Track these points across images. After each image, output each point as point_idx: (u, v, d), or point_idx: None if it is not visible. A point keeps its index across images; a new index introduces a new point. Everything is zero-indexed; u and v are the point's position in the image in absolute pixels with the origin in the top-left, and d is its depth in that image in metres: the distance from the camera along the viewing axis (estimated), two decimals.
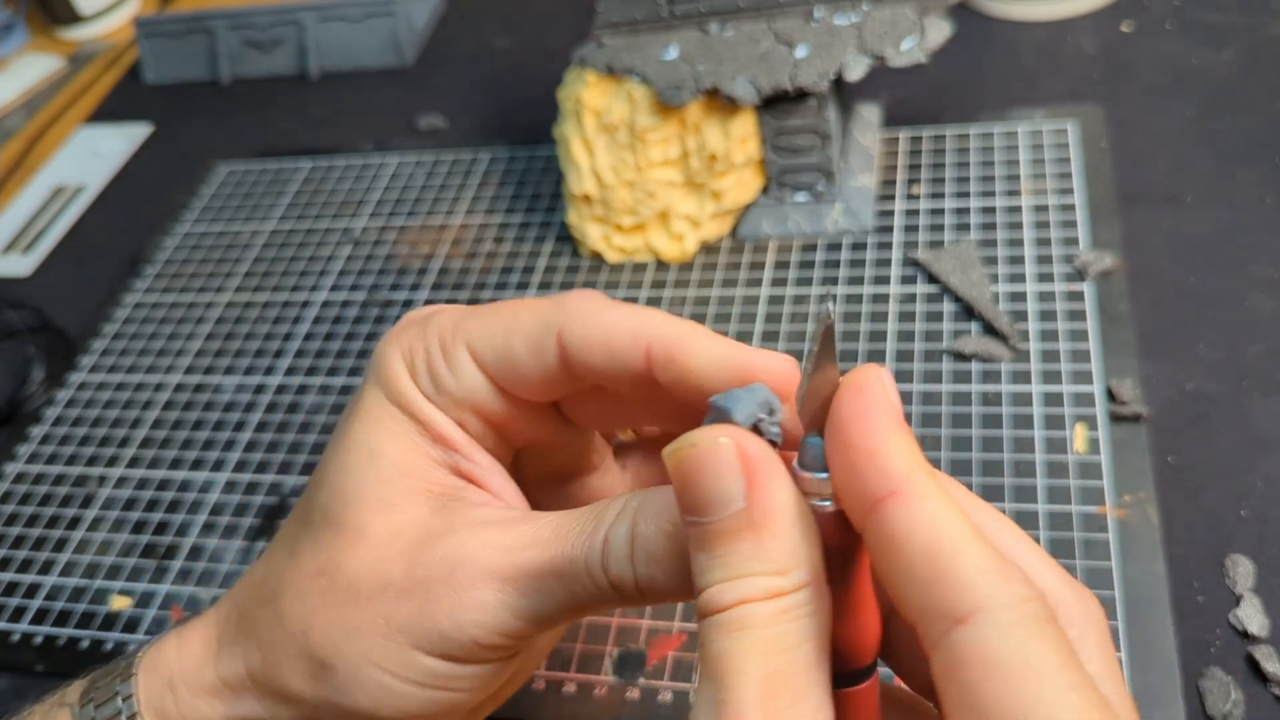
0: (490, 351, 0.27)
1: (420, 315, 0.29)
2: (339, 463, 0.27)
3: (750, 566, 0.20)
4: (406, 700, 0.26)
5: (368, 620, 0.26)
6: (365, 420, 0.28)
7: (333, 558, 0.27)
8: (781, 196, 0.54)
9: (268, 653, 0.28)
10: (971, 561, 0.18)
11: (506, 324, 0.27)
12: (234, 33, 0.79)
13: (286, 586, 0.27)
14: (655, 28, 0.53)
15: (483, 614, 0.25)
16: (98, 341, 0.61)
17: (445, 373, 0.27)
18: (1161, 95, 0.58)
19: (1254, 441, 0.42)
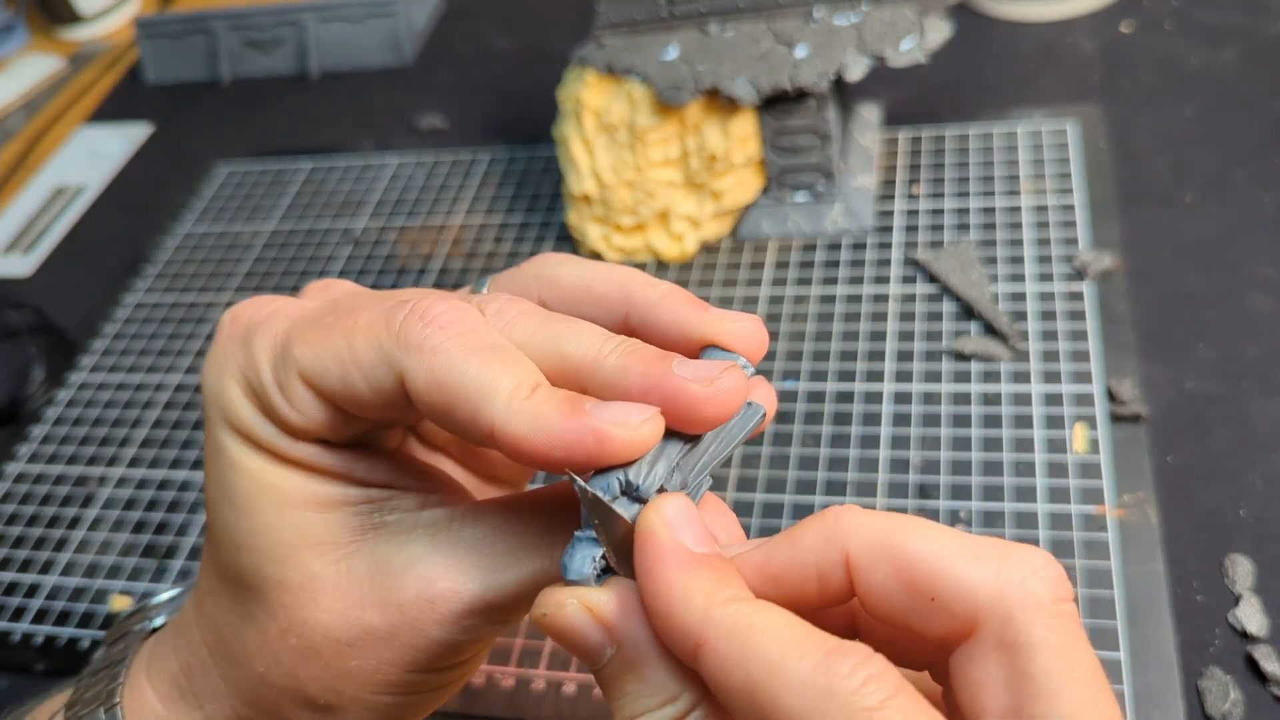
0: (327, 384, 0.24)
1: (243, 323, 0.26)
2: (246, 525, 0.25)
3: (644, 705, 0.20)
4: (415, 707, 0.27)
5: (358, 664, 0.25)
6: (245, 476, 0.25)
7: (295, 615, 0.25)
8: (781, 196, 0.54)
9: (262, 710, 0.27)
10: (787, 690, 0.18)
11: (340, 355, 0.24)
12: (234, 33, 0.79)
13: (254, 653, 0.26)
14: (655, 28, 0.53)
15: (472, 635, 0.25)
16: (98, 341, 0.61)
17: (286, 409, 0.24)
18: (1161, 95, 0.58)
19: (1253, 441, 0.42)
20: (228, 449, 0.25)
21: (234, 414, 0.25)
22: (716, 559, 0.20)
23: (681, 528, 0.20)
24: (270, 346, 0.25)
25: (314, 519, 0.25)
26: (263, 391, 0.25)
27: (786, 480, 0.45)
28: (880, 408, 0.46)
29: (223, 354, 0.26)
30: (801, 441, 0.46)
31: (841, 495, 0.44)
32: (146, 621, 0.32)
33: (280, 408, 0.24)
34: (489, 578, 0.24)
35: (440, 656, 0.25)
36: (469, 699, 0.41)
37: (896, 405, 0.46)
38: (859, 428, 0.46)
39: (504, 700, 0.40)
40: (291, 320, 0.25)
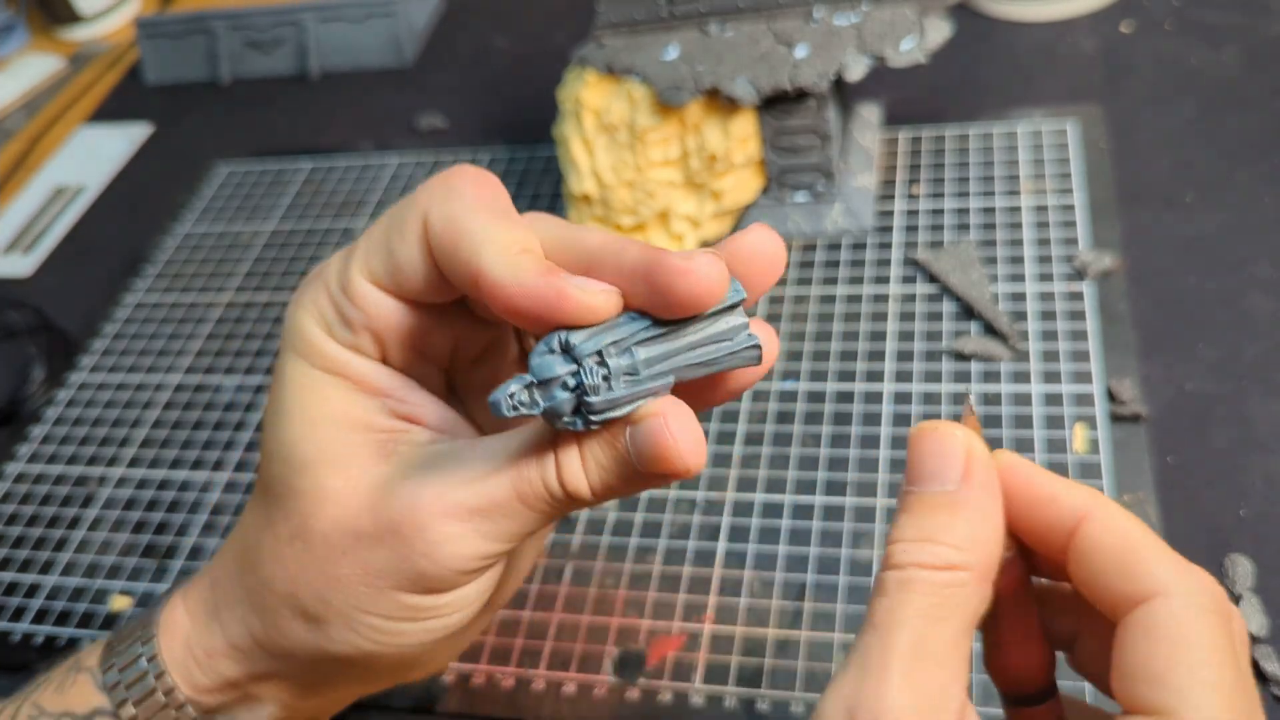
0: (379, 264, 0.27)
1: (315, 270, 0.30)
2: (283, 436, 0.28)
3: (938, 534, 0.22)
4: (401, 636, 0.28)
5: (347, 572, 0.27)
6: (296, 389, 0.29)
7: (303, 522, 0.28)
8: (781, 196, 0.54)
9: (263, 616, 0.29)
10: (1155, 558, 0.22)
11: (384, 229, 0.27)
12: (234, 33, 0.79)
13: (265, 555, 0.29)
14: (655, 28, 0.53)
15: (453, 546, 0.26)
16: (98, 341, 0.61)
17: (349, 308, 0.28)
18: (1161, 95, 0.58)
19: (1254, 441, 0.42)
20: (289, 367, 0.29)
21: (302, 333, 0.28)
22: None
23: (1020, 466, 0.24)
24: (339, 264, 0.28)
25: (337, 437, 0.28)
26: (332, 302, 0.28)
27: (786, 480, 0.45)
28: (880, 408, 0.46)
29: (300, 293, 0.29)
30: (801, 441, 0.46)
31: (841, 495, 0.44)
32: None
33: (344, 308, 0.28)
34: (472, 486, 0.26)
35: (422, 577, 0.27)
36: (469, 699, 0.41)
37: (896, 405, 0.46)
38: (859, 428, 0.46)
39: (504, 700, 0.40)
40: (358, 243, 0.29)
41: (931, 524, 0.22)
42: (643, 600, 0.42)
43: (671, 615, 0.41)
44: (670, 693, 0.39)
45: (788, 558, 0.42)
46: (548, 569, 0.44)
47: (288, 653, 0.29)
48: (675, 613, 0.41)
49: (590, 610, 0.42)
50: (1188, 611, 0.21)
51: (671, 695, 0.39)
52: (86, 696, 0.31)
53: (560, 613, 0.42)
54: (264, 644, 0.30)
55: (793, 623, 0.40)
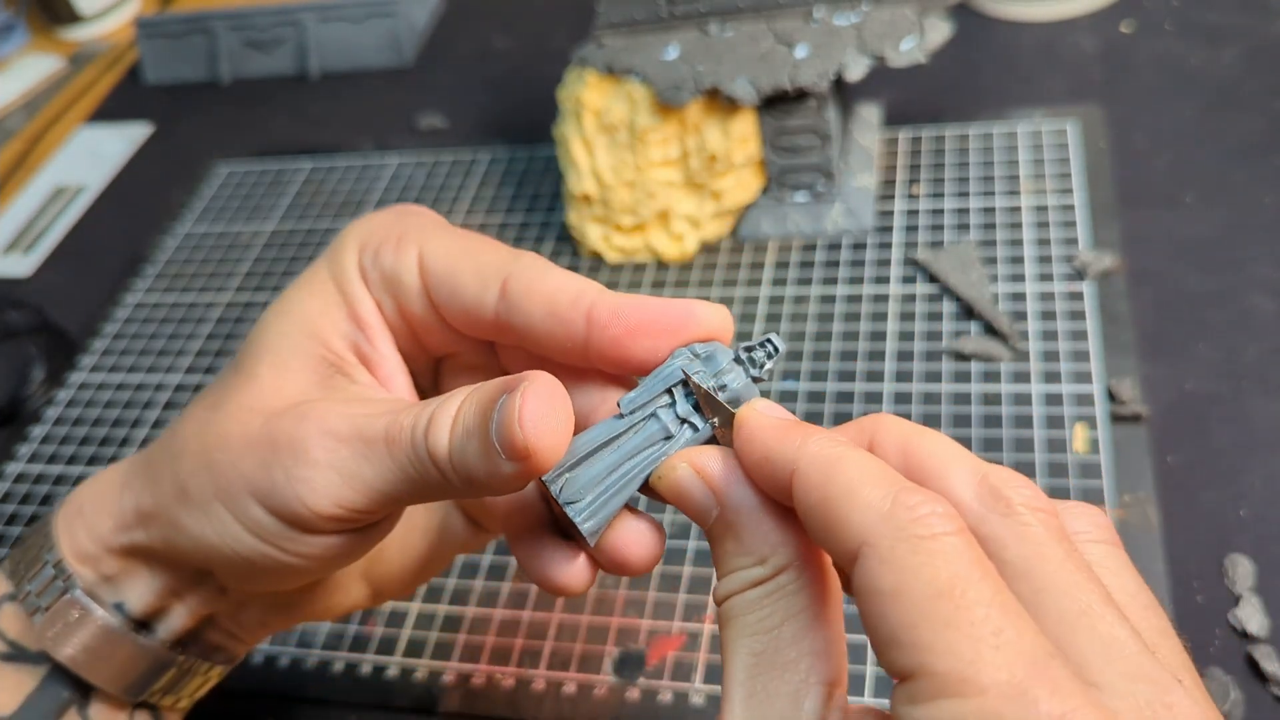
0: (437, 269, 0.28)
1: (401, 208, 0.30)
2: (263, 316, 0.30)
3: (736, 562, 0.22)
4: (242, 545, 0.27)
5: (222, 459, 0.27)
6: (299, 285, 0.30)
7: (222, 397, 0.28)
8: (781, 196, 0.54)
9: (151, 477, 0.29)
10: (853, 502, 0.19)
11: (463, 250, 0.28)
12: (234, 33, 0.79)
13: (183, 422, 0.29)
14: (655, 28, 0.53)
15: (312, 472, 0.26)
16: (98, 341, 0.61)
17: (389, 256, 0.28)
18: (1161, 95, 0.58)
19: (1254, 441, 0.42)
20: (313, 266, 0.30)
21: (338, 247, 0.29)
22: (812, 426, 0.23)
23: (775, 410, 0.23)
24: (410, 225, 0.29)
25: (295, 338, 0.28)
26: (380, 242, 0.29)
27: None
28: (880, 408, 0.46)
29: (372, 215, 0.30)
30: None
31: None
32: None
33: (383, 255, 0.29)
34: (352, 418, 0.26)
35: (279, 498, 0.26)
36: (469, 699, 0.41)
37: (896, 405, 0.46)
38: None
39: (504, 700, 0.40)
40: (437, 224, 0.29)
41: (726, 557, 0.22)
42: (643, 600, 0.42)
43: (671, 615, 0.41)
44: (670, 693, 0.39)
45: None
46: None
47: (155, 520, 0.29)
48: (675, 613, 0.41)
49: (590, 610, 0.42)
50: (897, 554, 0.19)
51: (671, 695, 0.39)
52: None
53: (560, 613, 0.42)
54: (142, 507, 0.29)
55: None
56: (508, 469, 0.23)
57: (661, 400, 0.25)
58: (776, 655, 0.21)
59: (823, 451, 0.21)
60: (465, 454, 0.24)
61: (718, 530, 0.23)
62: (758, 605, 0.21)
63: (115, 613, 0.30)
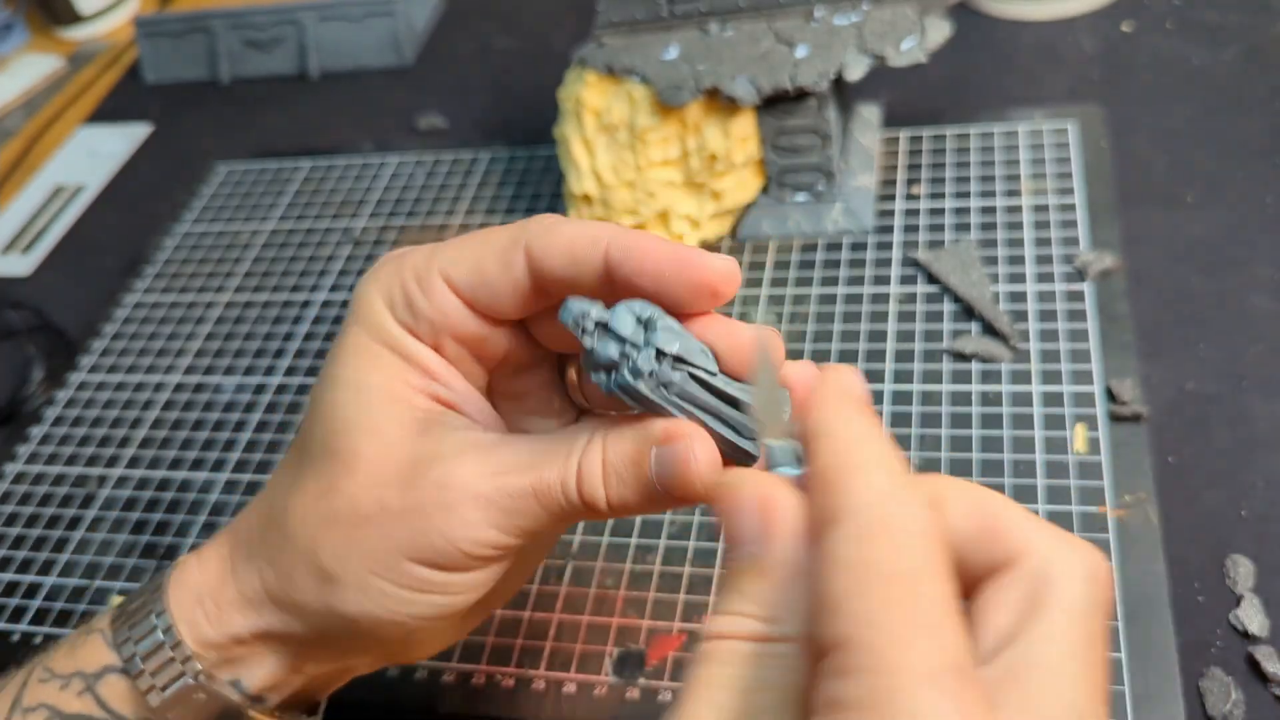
0: (463, 274, 0.29)
1: (395, 254, 0.31)
2: (329, 398, 0.30)
3: (747, 606, 0.21)
4: (404, 604, 0.29)
5: (367, 537, 0.28)
6: (350, 356, 0.30)
7: (333, 483, 0.29)
8: (781, 196, 0.54)
9: (279, 569, 0.30)
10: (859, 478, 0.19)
11: (477, 247, 0.29)
12: (234, 32, 0.79)
13: (292, 510, 0.30)
14: (655, 28, 0.53)
15: (469, 530, 0.28)
16: (98, 341, 0.61)
17: (421, 299, 0.29)
18: (1161, 95, 0.58)
19: (1254, 441, 0.42)
20: (349, 335, 0.30)
21: (366, 309, 0.30)
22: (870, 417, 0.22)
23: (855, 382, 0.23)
24: (418, 258, 0.30)
25: (380, 405, 0.29)
26: (403, 288, 0.29)
27: None
28: (880, 408, 0.46)
29: (375, 270, 0.30)
30: None
31: None
32: None
33: (414, 297, 0.29)
34: (495, 479, 0.28)
35: (436, 553, 0.28)
36: (469, 699, 0.41)
37: (896, 405, 0.46)
38: None
39: (504, 700, 0.40)
40: (439, 245, 0.30)
41: (740, 594, 0.21)
42: (643, 600, 0.42)
43: (671, 615, 0.41)
44: (670, 693, 0.39)
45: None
46: (548, 569, 0.44)
47: (297, 607, 0.30)
48: (675, 613, 0.41)
49: (590, 610, 0.42)
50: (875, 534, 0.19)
51: (671, 695, 0.39)
52: (97, 655, 0.32)
53: (560, 613, 0.42)
54: (275, 597, 0.31)
55: None
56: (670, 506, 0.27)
57: None
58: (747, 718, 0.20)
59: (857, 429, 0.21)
60: (625, 499, 0.27)
61: (746, 564, 0.21)
62: (751, 662, 0.20)
63: (233, 690, 0.32)
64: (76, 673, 0.32)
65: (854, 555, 0.18)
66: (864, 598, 0.18)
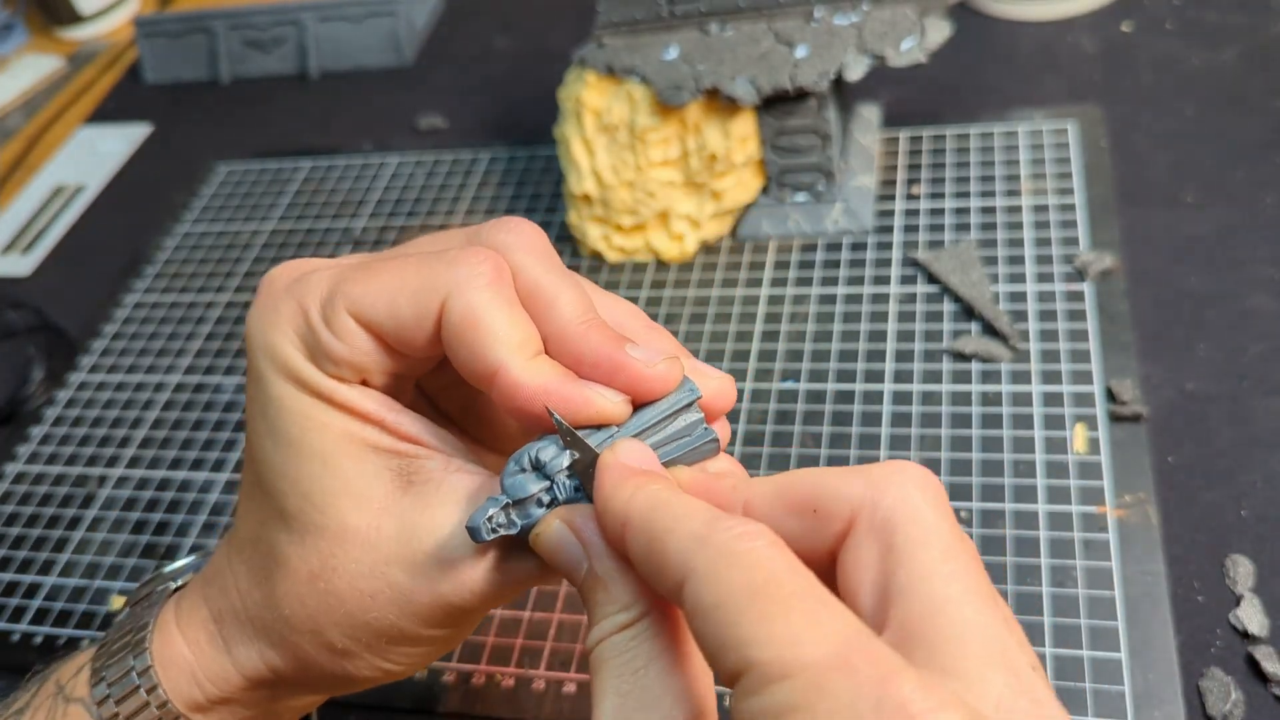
0: (374, 315, 0.27)
1: (284, 280, 0.28)
2: (298, 472, 0.28)
3: (604, 610, 0.23)
4: (422, 656, 0.29)
5: (376, 616, 0.28)
6: (295, 419, 0.28)
7: (325, 562, 0.28)
8: (781, 196, 0.54)
9: (287, 651, 0.29)
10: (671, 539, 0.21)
11: (388, 286, 0.27)
12: (234, 32, 0.79)
13: (284, 595, 0.28)
14: (655, 28, 0.53)
15: (475, 588, 0.27)
16: (98, 341, 0.61)
17: (333, 344, 0.27)
18: (1161, 95, 0.58)
19: (1254, 441, 0.42)
20: (278, 394, 0.28)
21: (283, 359, 0.27)
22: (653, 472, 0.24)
23: (628, 454, 0.24)
24: (318, 291, 0.27)
25: (353, 469, 0.27)
26: (311, 330, 0.27)
27: None
28: (880, 408, 0.46)
29: (267, 307, 0.28)
30: (801, 442, 0.46)
31: None
32: (170, 583, 0.34)
33: (326, 342, 0.27)
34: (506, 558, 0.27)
35: (452, 616, 0.28)
36: (469, 699, 0.41)
37: (896, 405, 0.46)
38: (859, 428, 0.46)
39: (504, 700, 0.40)
40: (338, 268, 0.28)
41: (597, 606, 0.23)
42: None
43: None
44: None
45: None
46: None
47: (312, 679, 0.30)
48: None
49: None
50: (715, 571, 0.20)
51: None
52: None
53: (560, 613, 0.42)
54: (286, 675, 0.30)
55: None
56: None
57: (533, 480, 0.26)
58: (643, 694, 0.22)
59: (645, 499, 0.22)
60: None
61: (589, 583, 0.24)
62: (623, 649, 0.22)
63: None
64: None
65: (712, 598, 0.19)
66: (740, 624, 0.19)
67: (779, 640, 0.18)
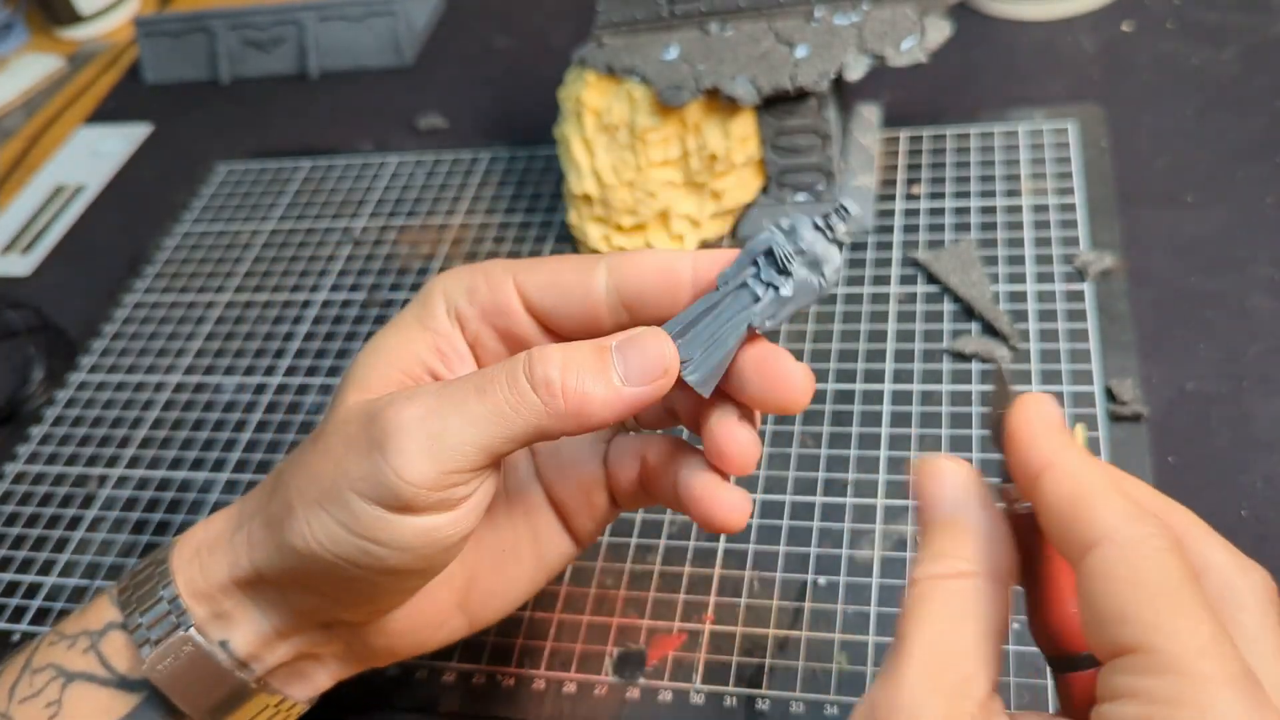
0: (537, 281, 0.31)
1: (475, 264, 0.33)
2: (358, 358, 0.32)
3: (946, 551, 0.24)
4: (341, 545, 0.29)
5: (324, 467, 0.29)
6: (392, 330, 0.32)
7: (322, 428, 0.31)
8: (781, 196, 0.54)
9: (263, 509, 0.32)
10: (1103, 504, 0.22)
11: (554, 262, 0.31)
12: (234, 32, 0.79)
13: (296, 457, 0.31)
14: (655, 28, 0.53)
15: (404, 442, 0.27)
16: (98, 341, 0.61)
17: (484, 288, 0.31)
18: (1161, 95, 0.58)
19: (1254, 442, 0.42)
20: (401, 315, 0.32)
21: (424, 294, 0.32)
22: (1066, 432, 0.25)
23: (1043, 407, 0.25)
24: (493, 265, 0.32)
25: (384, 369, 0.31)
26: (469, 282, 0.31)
27: (786, 480, 0.45)
28: (880, 408, 0.46)
29: (446, 274, 0.32)
30: (801, 442, 0.46)
31: (841, 495, 0.44)
32: None
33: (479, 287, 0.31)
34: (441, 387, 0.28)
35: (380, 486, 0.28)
36: (469, 699, 0.41)
37: (896, 405, 0.46)
38: (859, 428, 0.46)
39: (504, 700, 0.40)
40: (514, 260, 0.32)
41: (939, 545, 0.25)
42: (643, 600, 0.42)
43: (671, 615, 0.41)
44: (670, 692, 0.39)
45: (787, 557, 0.42)
46: None
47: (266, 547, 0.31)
48: (675, 612, 0.41)
49: (590, 610, 0.42)
50: (1138, 552, 0.22)
51: (671, 695, 0.39)
52: (103, 613, 0.33)
53: (560, 613, 0.42)
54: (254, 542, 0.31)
55: (793, 622, 0.40)
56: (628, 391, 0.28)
57: (749, 270, 0.28)
58: (959, 642, 0.23)
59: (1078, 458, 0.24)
60: (584, 388, 0.27)
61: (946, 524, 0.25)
62: (956, 594, 0.24)
63: (221, 650, 0.32)
64: (83, 631, 0.33)
65: (1124, 573, 0.21)
66: (1151, 609, 0.21)
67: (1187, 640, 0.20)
